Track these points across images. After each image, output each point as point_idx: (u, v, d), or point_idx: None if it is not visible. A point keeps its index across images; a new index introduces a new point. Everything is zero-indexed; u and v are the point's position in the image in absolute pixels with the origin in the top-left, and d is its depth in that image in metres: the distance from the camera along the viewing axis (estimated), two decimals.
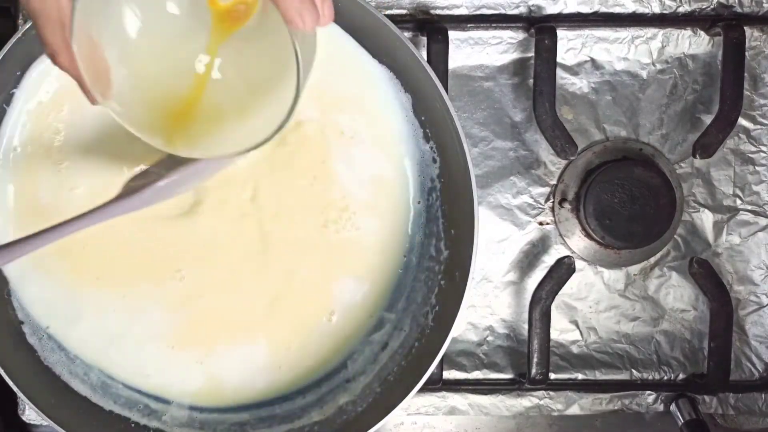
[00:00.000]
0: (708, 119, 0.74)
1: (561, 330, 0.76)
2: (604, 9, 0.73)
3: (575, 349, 0.77)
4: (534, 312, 0.73)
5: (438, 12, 0.73)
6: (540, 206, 0.76)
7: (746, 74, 0.73)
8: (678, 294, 0.77)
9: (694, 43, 0.75)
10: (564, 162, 0.75)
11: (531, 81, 0.74)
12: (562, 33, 0.73)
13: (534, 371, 0.73)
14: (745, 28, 0.72)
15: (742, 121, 0.75)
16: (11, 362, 0.64)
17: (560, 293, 0.74)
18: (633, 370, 0.77)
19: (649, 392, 0.75)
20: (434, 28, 0.71)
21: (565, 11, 0.73)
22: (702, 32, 0.74)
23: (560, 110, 0.74)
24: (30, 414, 0.73)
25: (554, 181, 0.76)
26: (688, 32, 0.74)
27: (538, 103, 0.72)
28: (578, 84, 0.75)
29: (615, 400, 0.75)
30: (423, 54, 0.68)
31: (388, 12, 0.73)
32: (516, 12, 0.73)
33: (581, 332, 0.76)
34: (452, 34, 0.72)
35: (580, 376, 0.77)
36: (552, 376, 0.75)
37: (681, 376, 0.77)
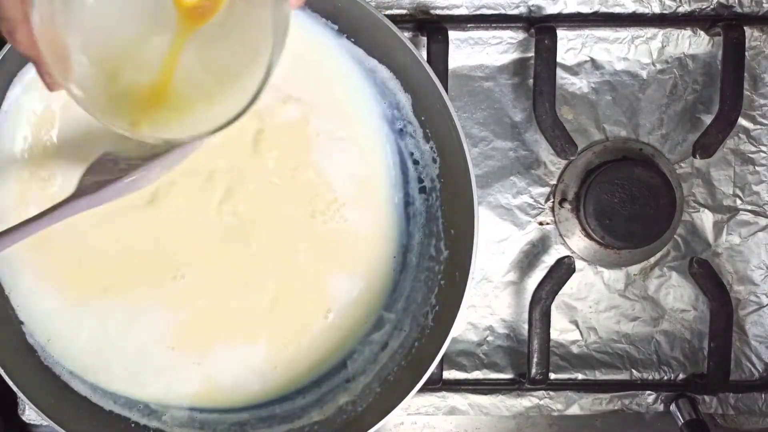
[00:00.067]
0: (708, 119, 0.74)
1: (561, 330, 0.76)
2: (604, 9, 0.73)
3: (575, 349, 0.77)
4: (534, 312, 0.73)
5: (438, 12, 0.73)
6: (540, 206, 0.76)
7: (746, 74, 0.73)
8: (678, 294, 0.77)
9: (694, 43, 0.75)
10: (564, 162, 0.75)
11: (531, 81, 0.74)
12: (562, 33, 0.73)
13: (534, 371, 0.73)
14: (745, 28, 0.72)
15: (742, 121, 0.75)
16: (11, 362, 0.64)
17: (560, 293, 0.74)
18: (633, 370, 0.77)
19: (649, 392, 0.75)
20: (434, 28, 0.71)
21: (565, 11, 0.73)
22: (702, 32, 0.74)
23: (560, 110, 0.74)
24: (30, 414, 0.73)
25: (554, 181, 0.76)
26: (688, 32, 0.74)
27: (538, 103, 0.72)
28: (578, 84, 0.75)
29: (615, 400, 0.75)
30: (423, 54, 0.68)
31: (388, 12, 0.73)
32: (516, 12, 0.73)
33: (581, 332, 0.76)
34: (452, 34, 0.72)
35: (580, 376, 0.77)
36: (552, 376, 0.75)
37: (681, 376, 0.77)
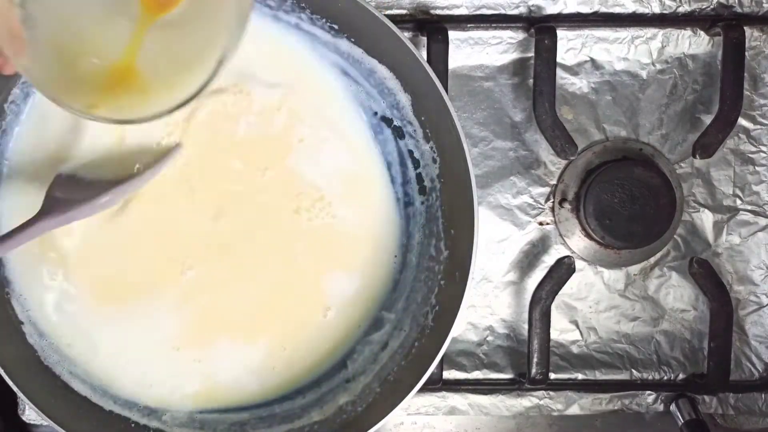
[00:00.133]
0: (708, 119, 0.74)
1: (561, 330, 0.76)
2: (604, 9, 0.73)
3: (575, 349, 0.77)
4: (534, 312, 0.73)
5: (438, 12, 0.73)
6: (540, 206, 0.76)
7: (746, 74, 0.73)
8: (678, 294, 0.77)
9: (694, 43, 0.75)
10: (564, 162, 0.75)
11: (531, 81, 0.74)
12: (562, 33, 0.73)
13: (534, 371, 0.73)
14: (745, 28, 0.72)
15: (742, 121, 0.75)
16: (11, 362, 0.64)
17: (560, 293, 0.74)
18: (633, 370, 0.77)
19: (649, 392, 0.75)
20: (434, 28, 0.71)
21: (565, 11, 0.73)
22: (702, 32, 0.74)
23: (560, 110, 0.74)
24: (30, 414, 0.73)
25: (554, 181, 0.76)
26: (688, 32, 0.74)
27: (538, 103, 0.72)
28: (578, 84, 0.75)
29: (615, 400, 0.75)
30: (423, 54, 0.68)
31: (388, 12, 0.73)
32: (516, 12, 0.73)
33: (581, 332, 0.76)
34: (452, 34, 0.72)
35: (580, 376, 0.77)
36: (552, 376, 0.75)
37: (681, 376, 0.77)
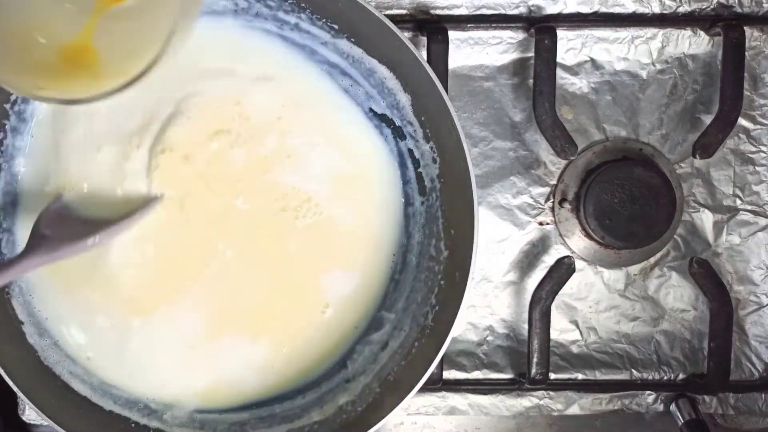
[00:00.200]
0: (708, 119, 0.74)
1: (561, 330, 0.76)
2: (604, 9, 0.73)
3: (575, 349, 0.77)
4: (534, 312, 0.73)
5: (438, 12, 0.73)
6: (540, 206, 0.76)
7: (746, 74, 0.73)
8: (678, 294, 0.77)
9: (694, 43, 0.75)
10: (564, 162, 0.75)
11: (531, 81, 0.74)
12: (562, 33, 0.73)
13: (534, 371, 0.73)
14: (745, 28, 0.72)
15: (742, 121, 0.75)
16: (11, 362, 0.64)
17: (560, 293, 0.74)
18: (633, 370, 0.77)
19: (649, 392, 0.75)
20: (434, 28, 0.71)
21: (565, 11, 0.73)
22: (702, 32, 0.74)
23: (560, 110, 0.74)
24: (30, 414, 0.73)
25: (554, 181, 0.76)
26: (688, 32, 0.74)
27: (538, 103, 0.72)
28: (578, 84, 0.75)
29: (615, 400, 0.75)
30: (423, 54, 0.69)
31: (388, 12, 0.73)
32: (516, 12, 0.73)
33: (581, 332, 0.76)
34: (452, 34, 0.72)
35: (580, 376, 0.77)
36: (552, 376, 0.75)
37: (681, 376, 0.77)
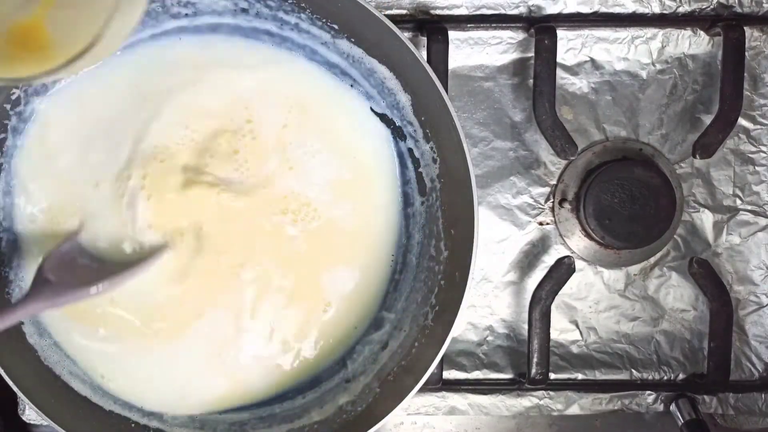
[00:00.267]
0: (708, 119, 0.74)
1: (561, 330, 0.76)
2: (604, 9, 0.73)
3: (575, 349, 0.77)
4: (534, 312, 0.73)
5: (438, 12, 0.73)
6: (540, 206, 0.76)
7: (746, 74, 0.73)
8: (678, 294, 0.77)
9: (694, 43, 0.75)
10: (564, 162, 0.75)
11: (531, 81, 0.74)
12: (562, 33, 0.73)
13: (534, 371, 0.73)
14: (745, 28, 0.72)
15: (742, 121, 0.75)
16: (11, 362, 0.64)
17: (560, 293, 0.74)
18: (633, 370, 0.77)
19: (649, 392, 0.75)
20: (434, 28, 0.71)
21: (565, 11, 0.73)
22: (702, 32, 0.74)
23: (560, 110, 0.74)
24: (30, 414, 0.73)
25: (554, 181, 0.76)
26: (688, 32, 0.74)
27: (538, 103, 0.72)
28: (578, 84, 0.75)
29: (615, 400, 0.75)
30: (423, 54, 0.68)
31: (388, 12, 0.73)
32: (516, 12, 0.73)
33: (581, 332, 0.76)
34: (452, 34, 0.72)
35: (580, 376, 0.77)
36: (552, 376, 0.75)
37: (681, 376, 0.77)
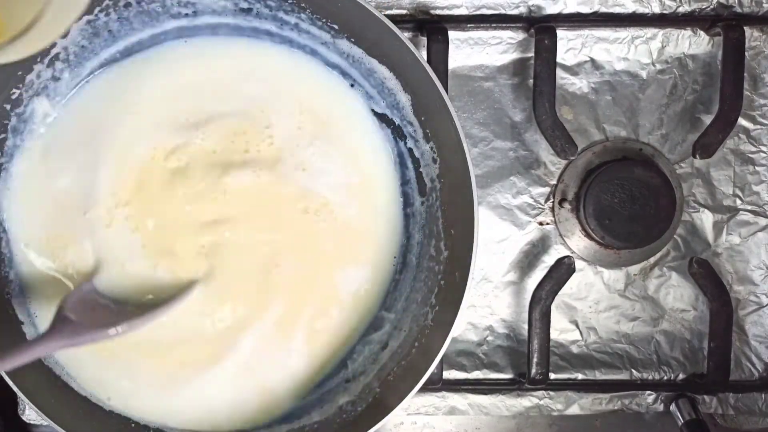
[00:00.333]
0: (708, 119, 0.74)
1: (561, 330, 0.76)
2: (604, 9, 0.73)
3: (575, 349, 0.77)
4: (534, 312, 0.73)
5: (438, 12, 0.73)
6: (540, 206, 0.76)
7: (746, 74, 0.73)
8: (678, 294, 0.77)
9: (694, 43, 0.75)
10: (564, 162, 0.75)
11: (531, 81, 0.74)
12: (562, 33, 0.73)
13: (534, 371, 0.73)
14: (745, 28, 0.72)
15: (742, 121, 0.75)
16: None
17: (560, 293, 0.74)
18: (633, 370, 0.77)
19: (649, 392, 0.75)
20: (434, 28, 0.71)
21: (565, 11, 0.73)
22: (702, 32, 0.74)
23: (560, 110, 0.74)
24: (30, 414, 0.73)
25: (554, 181, 0.76)
26: (688, 32, 0.74)
27: (538, 103, 0.72)
28: (578, 84, 0.75)
29: (615, 400, 0.75)
30: (423, 54, 0.68)
31: (388, 12, 0.73)
32: (516, 12, 0.73)
33: (581, 332, 0.76)
34: (452, 34, 0.72)
35: (580, 376, 0.77)
36: (552, 376, 0.75)
37: (681, 376, 0.77)
